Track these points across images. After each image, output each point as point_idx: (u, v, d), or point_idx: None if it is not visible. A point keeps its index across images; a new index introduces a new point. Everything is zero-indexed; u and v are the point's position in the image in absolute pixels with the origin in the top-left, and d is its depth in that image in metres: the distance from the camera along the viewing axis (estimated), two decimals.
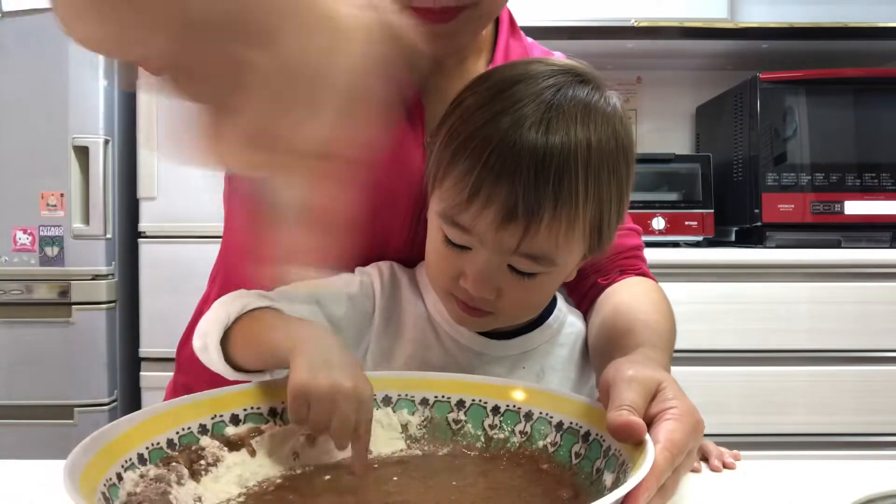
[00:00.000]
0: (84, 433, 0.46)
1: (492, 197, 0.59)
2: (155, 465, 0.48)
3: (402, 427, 0.60)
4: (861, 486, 0.58)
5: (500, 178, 0.59)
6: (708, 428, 0.55)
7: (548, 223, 0.59)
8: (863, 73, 1.98)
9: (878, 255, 1.78)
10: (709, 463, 0.67)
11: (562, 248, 0.62)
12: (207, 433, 0.53)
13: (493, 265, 0.62)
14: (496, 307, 0.65)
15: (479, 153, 0.60)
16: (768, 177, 1.88)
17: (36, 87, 1.84)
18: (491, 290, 0.63)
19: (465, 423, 0.61)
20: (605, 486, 0.49)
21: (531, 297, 0.66)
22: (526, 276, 0.63)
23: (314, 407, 0.53)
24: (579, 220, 0.61)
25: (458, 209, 0.61)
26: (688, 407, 0.52)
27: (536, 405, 0.59)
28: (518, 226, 0.59)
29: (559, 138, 0.59)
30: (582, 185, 0.60)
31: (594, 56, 2.61)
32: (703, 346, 1.77)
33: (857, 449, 1.75)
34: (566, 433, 0.57)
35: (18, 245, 1.88)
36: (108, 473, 0.43)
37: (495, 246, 0.61)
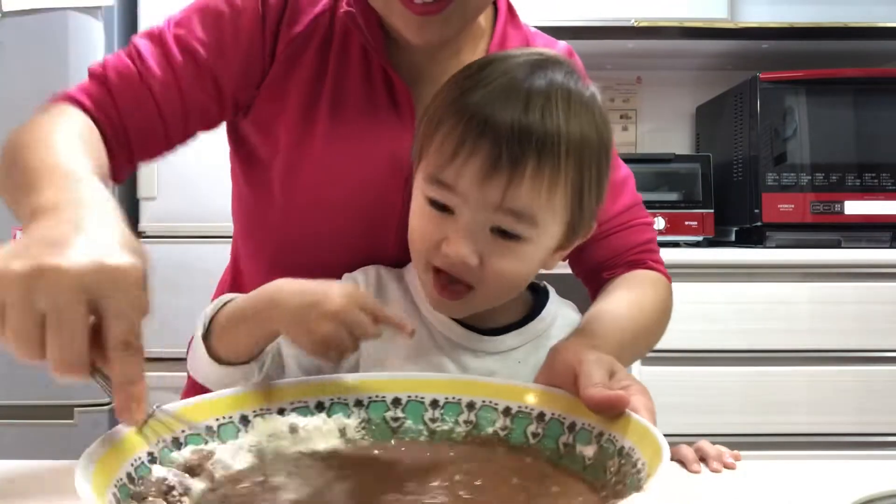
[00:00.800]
0: (84, 433, 0.46)
1: (475, 151, 0.61)
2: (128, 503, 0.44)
3: (340, 432, 0.59)
4: (861, 486, 0.58)
5: (482, 134, 0.61)
6: (708, 428, 0.55)
7: (531, 176, 0.61)
8: (863, 73, 1.98)
9: (878, 255, 1.78)
10: (708, 464, 0.67)
11: (544, 209, 0.63)
12: (156, 461, 0.49)
13: (477, 226, 0.63)
14: (476, 279, 0.65)
15: (463, 113, 0.63)
16: (768, 177, 1.88)
17: (36, 87, 1.84)
18: (472, 252, 0.63)
19: (405, 420, 0.60)
20: (586, 456, 0.53)
21: (512, 266, 0.65)
22: (509, 239, 0.63)
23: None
24: (561, 181, 0.63)
25: (443, 166, 0.63)
26: (641, 385, 0.57)
27: (479, 395, 0.60)
28: (501, 177, 0.61)
29: (539, 106, 0.62)
30: (564, 149, 0.62)
31: (594, 56, 2.61)
32: (703, 346, 1.77)
33: (857, 449, 1.75)
34: (517, 417, 0.59)
35: None
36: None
37: (479, 202, 0.62)
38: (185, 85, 0.73)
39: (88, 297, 0.40)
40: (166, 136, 0.75)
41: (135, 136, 0.73)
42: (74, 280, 0.40)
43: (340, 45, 0.77)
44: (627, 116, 2.44)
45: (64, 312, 0.40)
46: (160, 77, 0.72)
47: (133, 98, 0.72)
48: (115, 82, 0.72)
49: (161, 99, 0.72)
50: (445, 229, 0.64)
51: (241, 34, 0.75)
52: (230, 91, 0.75)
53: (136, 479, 0.46)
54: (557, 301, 0.78)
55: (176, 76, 0.73)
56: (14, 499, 0.55)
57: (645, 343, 0.79)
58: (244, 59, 0.75)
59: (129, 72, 0.72)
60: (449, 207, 0.64)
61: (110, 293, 0.41)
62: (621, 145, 2.42)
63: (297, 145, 0.76)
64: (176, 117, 0.74)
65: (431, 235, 0.65)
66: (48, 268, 0.40)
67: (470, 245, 0.63)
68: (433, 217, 0.65)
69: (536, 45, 0.85)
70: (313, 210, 0.78)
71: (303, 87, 0.76)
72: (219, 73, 0.74)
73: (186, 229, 1.93)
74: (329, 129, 0.76)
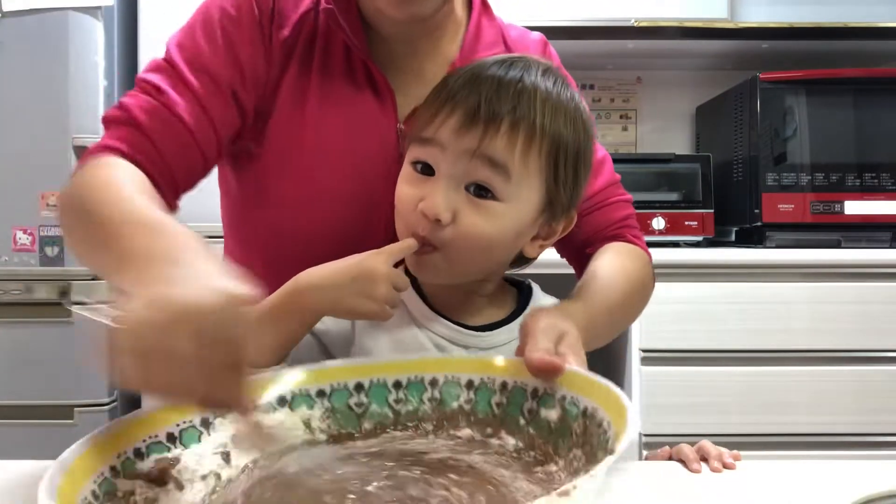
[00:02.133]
0: (84, 433, 0.46)
1: (456, 105, 0.66)
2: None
3: (305, 424, 0.59)
4: (861, 486, 0.58)
5: (462, 90, 0.67)
6: (708, 428, 0.56)
7: (507, 129, 0.65)
8: (863, 73, 1.98)
9: (878, 255, 1.78)
10: (709, 464, 0.67)
11: (517, 163, 0.66)
12: (119, 475, 0.47)
13: (453, 181, 0.66)
14: (446, 239, 0.66)
15: (446, 82, 0.69)
16: (768, 177, 1.88)
17: (36, 87, 1.84)
18: (445, 208, 0.65)
19: (369, 405, 0.60)
20: (551, 420, 0.55)
21: (483, 225, 0.66)
22: (482, 196, 0.66)
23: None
24: (536, 141, 0.66)
25: (426, 124, 0.68)
26: (582, 351, 0.61)
27: (442, 371, 0.61)
28: (478, 127, 0.65)
29: (520, 72, 0.68)
30: (539, 111, 0.66)
31: (594, 56, 2.61)
32: (703, 346, 1.77)
33: (857, 449, 1.75)
34: (480, 389, 0.60)
35: (18, 245, 1.88)
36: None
37: (455, 149, 0.65)
38: (211, 107, 0.73)
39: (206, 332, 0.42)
40: (204, 162, 0.75)
41: (178, 170, 0.72)
42: (213, 321, 0.42)
43: (324, 41, 0.78)
44: (627, 116, 2.44)
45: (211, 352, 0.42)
46: (186, 106, 0.72)
47: (168, 134, 0.71)
48: (146, 122, 0.71)
49: (193, 126, 0.72)
50: (425, 189, 0.67)
51: (246, 42, 0.75)
52: (249, 100, 0.76)
53: (101, 496, 0.44)
54: (542, 296, 0.80)
55: (199, 101, 0.73)
56: (14, 499, 0.55)
57: (629, 311, 0.82)
58: (254, 66, 0.76)
59: (155, 109, 0.71)
60: (430, 167, 0.67)
61: (229, 329, 0.43)
62: (621, 145, 2.42)
63: (287, 138, 0.77)
64: (210, 142, 0.74)
65: (410, 197, 0.68)
66: (190, 312, 0.41)
67: (444, 200, 0.65)
68: (415, 179, 0.68)
69: (510, 37, 0.87)
70: (304, 201, 0.78)
71: (292, 83, 0.77)
72: (236, 85, 0.75)
73: None
74: (318, 121, 0.77)
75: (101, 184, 0.63)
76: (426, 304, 0.74)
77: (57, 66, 1.83)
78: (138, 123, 0.71)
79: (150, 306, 0.42)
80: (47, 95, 1.83)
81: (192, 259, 0.47)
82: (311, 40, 0.78)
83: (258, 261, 0.83)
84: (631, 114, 2.44)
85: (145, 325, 0.41)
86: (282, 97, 0.77)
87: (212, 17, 0.75)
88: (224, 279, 0.44)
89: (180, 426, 0.52)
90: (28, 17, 1.83)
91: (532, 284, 0.80)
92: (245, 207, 0.84)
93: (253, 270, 0.83)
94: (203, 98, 0.73)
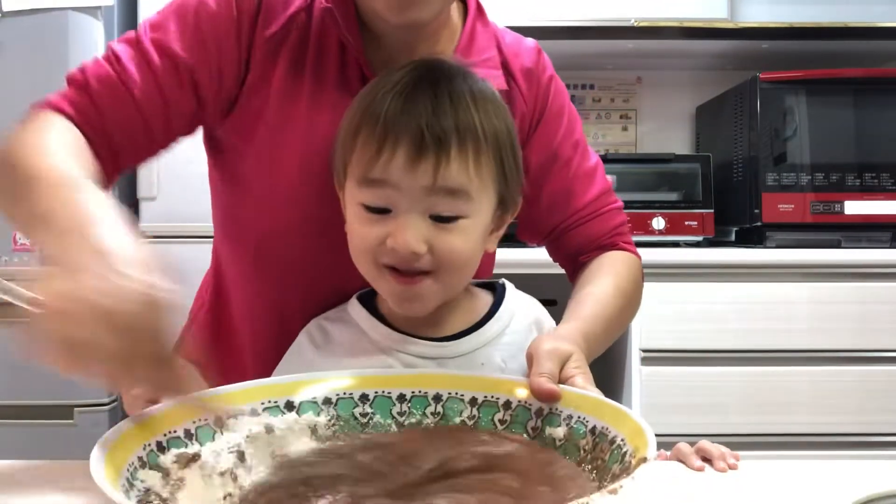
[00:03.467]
0: (84, 433, 0.46)
1: (398, 140, 0.64)
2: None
3: (311, 430, 0.60)
4: (861, 486, 0.58)
5: (399, 122, 0.64)
6: (708, 428, 0.56)
7: (457, 151, 0.64)
8: (863, 73, 1.98)
9: (878, 255, 1.78)
10: (713, 464, 0.67)
11: (475, 182, 0.66)
12: (145, 465, 0.49)
13: (416, 214, 0.65)
14: (431, 264, 0.66)
15: (376, 113, 0.66)
16: (768, 177, 1.88)
17: (36, 87, 1.83)
18: (418, 241, 0.64)
19: (373, 415, 0.61)
20: (556, 438, 0.56)
21: (459, 243, 0.67)
22: (448, 220, 0.66)
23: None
24: (483, 149, 0.66)
25: (370, 165, 0.65)
26: (588, 370, 0.63)
27: (445, 387, 0.62)
28: (429, 160, 0.63)
29: (444, 85, 0.67)
30: (475, 114, 0.66)
31: (594, 56, 2.61)
32: (703, 346, 1.77)
33: (857, 449, 1.75)
34: (483, 406, 0.61)
35: (18, 245, 1.88)
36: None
37: (412, 188, 0.64)
38: (166, 88, 0.73)
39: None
40: (150, 141, 0.75)
41: (119, 141, 0.72)
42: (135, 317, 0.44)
43: (317, 41, 0.77)
44: (627, 116, 2.44)
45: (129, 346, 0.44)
46: (140, 81, 0.72)
47: (115, 104, 0.72)
48: (96, 88, 0.72)
49: (143, 103, 0.72)
50: (386, 227, 0.66)
51: (218, 36, 0.75)
52: (209, 92, 0.75)
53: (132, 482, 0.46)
54: (516, 297, 0.78)
55: (156, 79, 0.72)
56: (14, 499, 0.55)
57: (624, 318, 0.84)
58: (221, 61, 0.75)
59: (109, 77, 0.72)
60: (384, 208, 0.66)
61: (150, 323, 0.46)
62: (621, 145, 2.42)
63: (275, 137, 0.77)
64: (158, 121, 0.74)
65: (373, 236, 0.66)
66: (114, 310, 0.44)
67: (414, 235, 0.64)
68: (371, 221, 0.67)
69: (504, 42, 0.86)
70: (289, 200, 0.78)
71: (283, 81, 0.77)
72: (197, 74, 0.74)
73: (186, 229, 1.92)
74: (307, 121, 0.77)
75: (34, 139, 0.64)
76: (387, 325, 0.73)
77: (57, 66, 1.83)
78: (89, 88, 0.72)
79: (73, 298, 0.44)
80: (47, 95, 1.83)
81: (108, 233, 0.50)
82: (304, 39, 0.78)
83: (247, 261, 0.83)
84: (631, 114, 2.44)
85: (69, 316, 0.44)
86: (272, 95, 0.77)
87: (188, 5, 0.75)
88: (143, 275, 0.47)
89: (196, 423, 0.54)
90: (28, 17, 1.83)
91: (505, 283, 0.80)
92: (232, 204, 0.84)
93: (240, 268, 0.84)
94: (161, 80, 0.73)
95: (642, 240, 1.93)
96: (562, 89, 0.88)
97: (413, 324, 0.72)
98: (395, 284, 0.67)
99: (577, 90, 2.40)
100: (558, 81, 0.88)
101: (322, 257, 0.78)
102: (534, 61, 0.86)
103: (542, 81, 0.86)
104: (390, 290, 0.68)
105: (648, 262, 0.90)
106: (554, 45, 0.93)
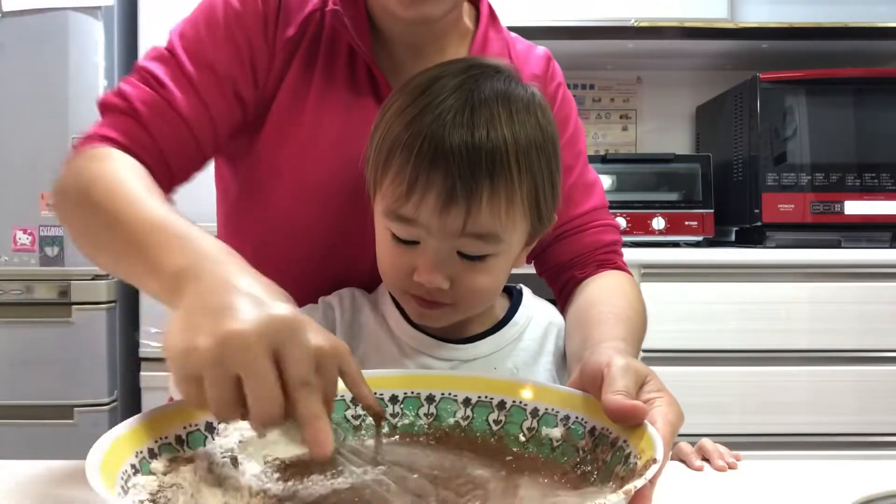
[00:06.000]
0: (84, 433, 0.46)
1: (430, 184, 0.61)
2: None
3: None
4: (861, 486, 0.58)
5: (434, 165, 0.61)
6: (708, 428, 0.56)
7: (488, 200, 0.62)
8: (863, 73, 1.98)
9: (878, 255, 1.78)
10: (711, 463, 0.67)
11: (505, 226, 0.64)
12: (138, 472, 0.47)
13: (443, 253, 0.64)
14: (452, 297, 0.66)
15: (411, 147, 0.62)
16: (768, 177, 1.88)
17: (36, 87, 1.84)
18: (443, 279, 0.64)
19: (365, 417, 0.60)
20: (553, 438, 0.55)
21: (484, 281, 0.67)
22: (476, 259, 0.65)
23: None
24: (517, 196, 0.64)
25: (400, 203, 0.63)
26: (672, 398, 0.54)
27: (438, 388, 0.61)
28: (459, 208, 0.61)
29: (483, 122, 0.62)
30: (514, 162, 0.63)
31: (594, 56, 2.61)
32: (703, 346, 1.77)
33: (857, 449, 1.75)
34: (477, 406, 0.60)
35: (18, 245, 1.88)
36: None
37: (441, 231, 0.63)
38: (209, 100, 0.72)
39: (272, 350, 0.43)
40: (201, 156, 0.74)
41: (175, 163, 0.72)
42: (257, 339, 0.43)
43: (329, 42, 0.77)
44: (627, 116, 2.44)
45: (258, 371, 0.43)
46: (184, 98, 0.71)
47: (166, 127, 0.70)
48: (144, 113, 0.70)
49: (192, 121, 0.71)
50: (414, 259, 0.65)
51: (249, 37, 0.74)
52: (250, 95, 0.75)
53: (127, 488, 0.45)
54: (532, 302, 0.78)
55: (199, 94, 0.72)
56: (14, 498, 0.55)
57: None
58: (254, 63, 0.75)
59: (155, 101, 0.70)
60: (413, 241, 0.65)
61: (286, 342, 0.44)
62: (621, 145, 2.42)
63: (282, 136, 0.77)
64: (207, 135, 0.73)
65: (401, 267, 0.66)
66: (233, 334, 0.43)
67: (440, 272, 0.64)
68: (399, 250, 0.66)
69: (516, 49, 0.86)
70: (296, 200, 0.78)
71: (293, 82, 0.76)
72: (238, 80, 0.74)
73: None
74: (314, 122, 0.76)
75: (107, 176, 0.62)
76: (407, 321, 0.73)
77: (57, 66, 1.83)
78: (138, 115, 0.69)
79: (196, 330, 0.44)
80: (47, 95, 1.83)
81: (228, 269, 0.49)
82: (316, 41, 0.77)
83: (250, 258, 0.83)
84: (631, 114, 2.44)
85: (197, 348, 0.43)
86: (281, 95, 0.77)
87: (216, 10, 0.75)
88: (273, 303, 0.46)
89: (187, 429, 0.53)
90: (28, 17, 1.83)
91: (523, 288, 0.79)
92: (238, 203, 0.84)
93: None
94: (203, 92, 0.72)
95: (642, 240, 1.93)
96: (569, 99, 0.88)
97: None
98: (418, 307, 0.68)
99: (577, 90, 2.40)
100: (566, 92, 0.87)
101: (323, 260, 0.78)
102: (543, 69, 0.86)
103: (549, 89, 0.85)
104: (413, 310, 0.70)
105: (648, 262, 0.90)
106: (554, 45, 0.93)
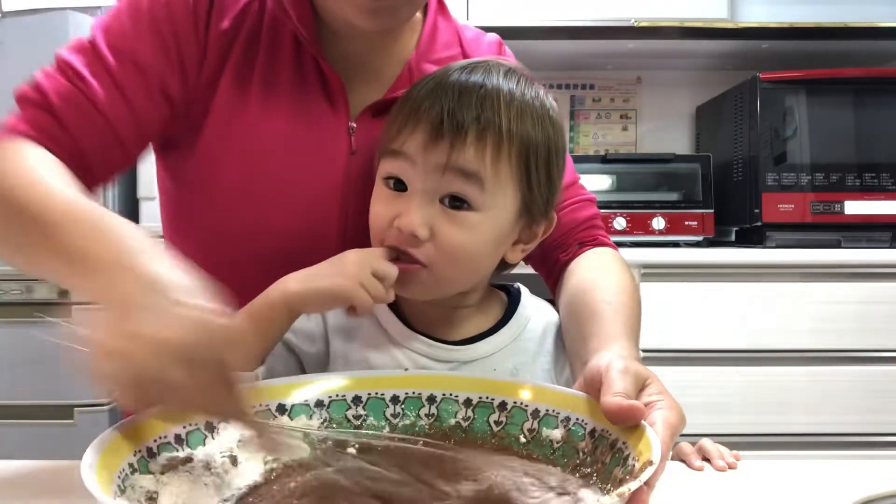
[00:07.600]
0: (84, 433, 0.46)
1: (420, 118, 0.66)
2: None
3: (303, 433, 0.58)
4: (861, 486, 0.58)
5: (428, 99, 0.66)
6: (708, 428, 0.56)
7: (474, 139, 0.64)
8: (863, 73, 1.98)
9: (878, 255, 1.78)
10: (712, 463, 0.67)
11: (490, 174, 0.65)
12: (136, 471, 0.48)
13: (427, 196, 0.65)
14: (427, 255, 0.66)
15: (410, 93, 0.69)
16: (768, 177, 1.88)
17: None
18: (422, 223, 0.65)
19: (366, 417, 0.61)
20: (554, 440, 0.56)
21: (463, 238, 0.66)
22: (458, 209, 0.65)
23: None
24: (504, 148, 0.66)
25: (394, 137, 0.67)
26: (673, 401, 0.54)
27: (439, 388, 0.62)
28: (445, 141, 0.64)
29: (482, 77, 0.68)
30: (504, 115, 0.66)
31: (594, 56, 2.60)
32: (703, 346, 1.77)
33: (857, 449, 1.75)
34: (478, 407, 0.60)
35: None
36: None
37: (426, 163, 0.65)
38: (131, 95, 0.69)
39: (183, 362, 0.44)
40: (124, 152, 0.71)
41: (93, 158, 0.68)
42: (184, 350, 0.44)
43: (270, 34, 0.75)
44: (627, 116, 2.44)
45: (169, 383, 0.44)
46: (105, 95, 0.68)
47: (82, 121, 0.67)
48: (59, 106, 0.66)
49: (112, 117, 0.68)
50: (399, 206, 0.66)
51: (177, 31, 0.71)
52: (178, 90, 0.72)
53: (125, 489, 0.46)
54: (531, 302, 0.78)
55: (120, 88, 0.68)
56: (14, 499, 0.55)
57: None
58: (183, 59, 0.72)
59: (70, 93, 0.67)
60: (402, 182, 0.67)
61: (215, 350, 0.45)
62: (621, 145, 2.42)
63: (224, 135, 0.74)
64: (129, 131, 0.70)
65: (385, 214, 0.68)
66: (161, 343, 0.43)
67: (420, 216, 0.65)
68: (388, 197, 0.68)
69: (466, 37, 0.86)
70: (245, 200, 0.75)
71: (233, 76, 0.74)
72: (163, 75, 0.71)
73: None
74: (258, 120, 0.74)
75: (19, 171, 0.60)
76: (404, 324, 0.72)
77: None
78: (53, 109, 0.66)
79: (132, 335, 0.44)
80: None
81: (150, 263, 0.48)
82: (256, 33, 0.74)
83: (195, 256, 0.81)
84: (631, 114, 2.44)
85: (133, 354, 0.43)
86: (221, 90, 0.74)
87: (141, 1, 0.71)
88: (197, 300, 0.46)
89: (186, 428, 0.53)
90: (28, 17, 1.83)
91: (521, 287, 0.79)
92: (182, 204, 0.81)
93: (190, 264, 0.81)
94: (124, 87, 0.69)
95: (642, 240, 1.93)
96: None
97: (429, 323, 0.72)
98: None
99: (577, 90, 2.40)
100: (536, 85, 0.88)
101: (282, 256, 0.74)
102: (495, 54, 0.86)
103: None
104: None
105: (648, 262, 0.90)
106: (554, 45, 0.93)
